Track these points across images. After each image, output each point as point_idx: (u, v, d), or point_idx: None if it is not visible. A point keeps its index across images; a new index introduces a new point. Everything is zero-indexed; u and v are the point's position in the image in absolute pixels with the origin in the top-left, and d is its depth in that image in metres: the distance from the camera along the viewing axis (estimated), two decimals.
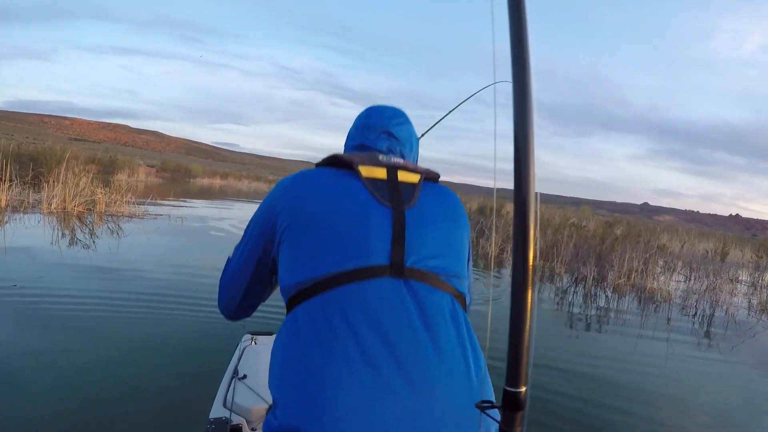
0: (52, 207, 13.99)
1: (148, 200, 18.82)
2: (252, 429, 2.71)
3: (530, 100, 0.76)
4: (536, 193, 0.75)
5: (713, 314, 11.24)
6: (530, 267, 0.74)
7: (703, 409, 5.66)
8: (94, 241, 10.56)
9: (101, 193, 15.44)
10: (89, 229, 12.15)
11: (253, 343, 3.71)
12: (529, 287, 0.75)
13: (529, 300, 0.75)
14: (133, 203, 16.54)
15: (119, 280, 7.82)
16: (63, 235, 10.90)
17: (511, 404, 0.78)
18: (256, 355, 3.47)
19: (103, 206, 15.17)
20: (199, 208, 21.47)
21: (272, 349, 1.45)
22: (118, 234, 11.74)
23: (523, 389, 0.77)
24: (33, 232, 10.78)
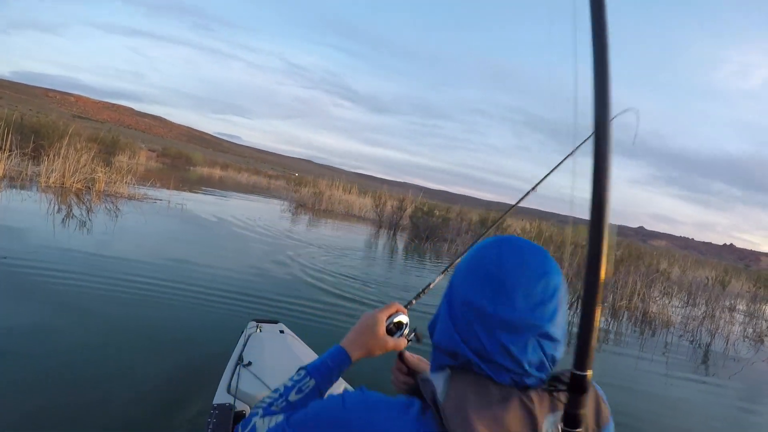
0: (50, 181, 13.80)
1: (149, 184, 18.66)
2: None
3: (609, 128, 0.77)
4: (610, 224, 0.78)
5: (711, 342, 11.18)
6: (602, 265, 0.78)
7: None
8: (90, 219, 10.34)
9: (102, 172, 15.26)
10: (87, 207, 11.93)
11: (258, 330, 3.74)
12: (600, 280, 0.79)
13: (600, 290, 0.78)
14: (133, 185, 16.39)
15: (120, 260, 7.68)
16: (60, 210, 10.71)
17: (577, 387, 0.80)
18: (261, 342, 3.51)
19: (103, 185, 14.99)
20: (199, 196, 21.34)
21: None
22: (116, 214, 11.53)
23: (589, 372, 0.79)
24: (28, 206, 10.55)
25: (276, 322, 4.02)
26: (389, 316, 1.48)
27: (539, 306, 1.02)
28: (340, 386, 3.09)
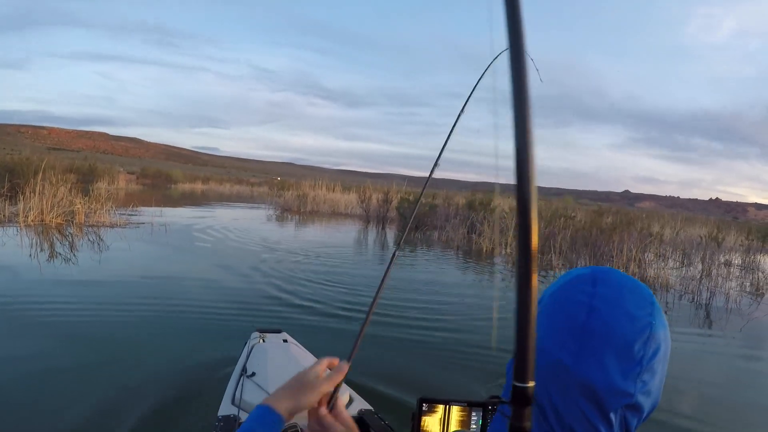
0: (29, 220, 13.53)
1: (130, 208, 18.44)
2: None
3: (527, 90, 0.71)
4: (536, 186, 0.69)
5: (711, 299, 11.22)
6: (533, 259, 0.68)
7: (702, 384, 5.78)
8: (74, 254, 10.11)
9: (80, 203, 15.00)
10: (69, 241, 11.70)
11: (261, 340, 3.72)
12: (533, 280, 0.69)
13: (534, 294, 0.70)
14: (114, 212, 16.17)
15: (112, 287, 7.78)
16: (42, 249, 10.48)
17: (520, 399, 0.73)
18: (265, 352, 3.49)
19: (83, 217, 14.73)
20: (182, 214, 21.10)
21: None
22: (99, 245, 11.33)
23: (531, 384, 0.72)
24: (7, 249, 10.29)
25: (279, 332, 4.00)
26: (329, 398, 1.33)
27: (635, 369, 0.79)
28: (345, 393, 3.07)
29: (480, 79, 1.57)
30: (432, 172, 1.75)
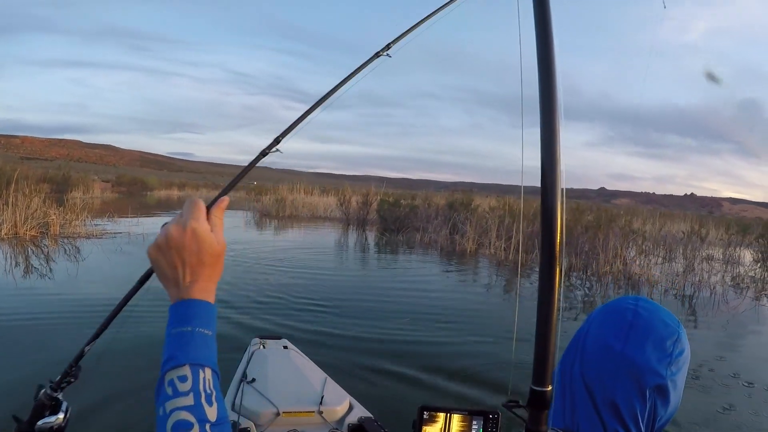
0: (2, 233, 13.17)
1: (106, 218, 18.15)
2: None
3: (555, 100, 0.73)
4: (563, 201, 0.73)
5: (696, 293, 11.42)
6: (557, 270, 0.72)
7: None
8: (50, 268, 9.87)
9: (54, 214, 14.65)
10: (45, 254, 11.43)
11: (261, 347, 3.75)
12: (556, 290, 0.74)
13: (555, 301, 0.74)
14: (90, 222, 15.88)
15: (94, 300, 7.59)
16: (17, 263, 10.21)
17: (537, 403, 0.76)
18: (265, 358, 3.52)
19: (58, 228, 14.38)
20: (159, 223, 20.58)
21: None
22: (76, 258, 11.08)
23: (549, 388, 0.76)
24: None
25: (279, 338, 4.05)
26: None
27: (666, 358, 1.00)
28: (344, 400, 3.08)
29: (351, 76, 1.37)
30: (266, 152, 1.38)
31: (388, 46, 1.38)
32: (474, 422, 1.29)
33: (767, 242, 17.47)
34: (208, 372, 0.84)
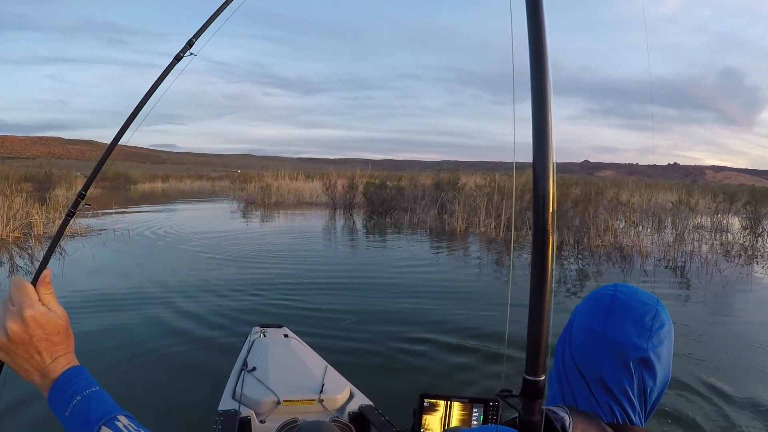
0: None
1: (90, 214, 17.93)
2: (261, 421, 2.74)
3: (547, 74, 0.75)
4: (554, 191, 0.73)
5: (687, 262, 11.55)
6: (549, 257, 0.73)
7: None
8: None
9: (37, 214, 14.41)
10: (30, 255, 11.24)
11: (261, 335, 3.78)
12: (548, 277, 0.74)
13: (548, 289, 0.73)
14: (74, 220, 15.56)
15: (87, 296, 7.61)
16: (0, 265, 10.02)
17: (530, 393, 0.77)
18: (265, 347, 3.54)
19: (41, 228, 14.13)
20: (144, 217, 20.46)
21: None
22: (62, 256, 10.89)
23: (542, 377, 0.76)
24: None
25: (280, 327, 4.07)
26: None
27: (646, 332, 1.03)
28: (345, 388, 3.10)
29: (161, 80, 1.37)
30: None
31: (190, 44, 1.38)
32: (474, 410, 1.35)
33: (754, 209, 17.60)
34: (123, 419, 0.88)
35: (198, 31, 1.34)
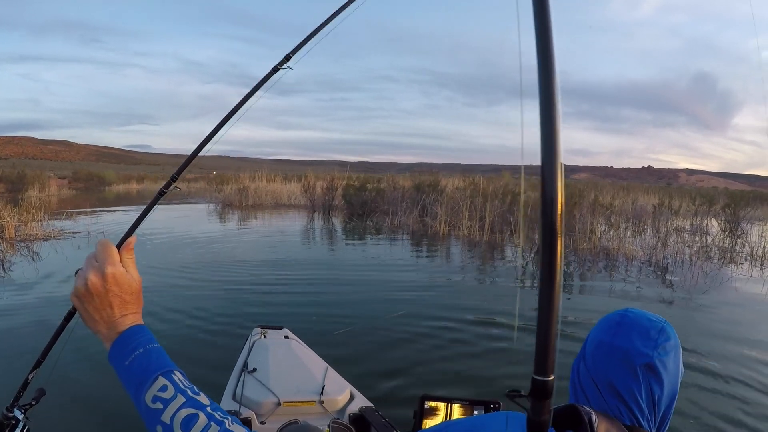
0: None
1: (64, 217, 17.58)
2: (261, 422, 2.73)
3: (555, 76, 0.71)
4: (562, 190, 0.69)
5: (671, 264, 11.72)
6: (558, 257, 0.70)
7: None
8: (9, 273, 9.43)
9: (9, 216, 14.05)
10: (0, 259, 10.87)
11: (262, 336, 3.79)
12: (557, 278, 0.71)
13: (557, 290, 0.71)
14: (48, 222, 15.35)
15: (61, 303, 7.31)
16: None
17: (539, 393, 0.74)
18: (266, 348, 3.55)
19: (13, 231, 13.75)
20: (120, 219, 20.09)
21: None
22: (34, 259, 10.62)
23: (551, 377, 0.73)
24: None
25: (281, 328, 4.08)
26: None
27: (651, 342, 1.11)
28: (345, 390, 3.11)
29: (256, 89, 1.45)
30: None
31: (287, 58, 1.44)
32: (475, 412, 1.38)
33: (733, 212, 17.87)
34: (178, 374, 0.96)
35: (297, 46, 1.44)
